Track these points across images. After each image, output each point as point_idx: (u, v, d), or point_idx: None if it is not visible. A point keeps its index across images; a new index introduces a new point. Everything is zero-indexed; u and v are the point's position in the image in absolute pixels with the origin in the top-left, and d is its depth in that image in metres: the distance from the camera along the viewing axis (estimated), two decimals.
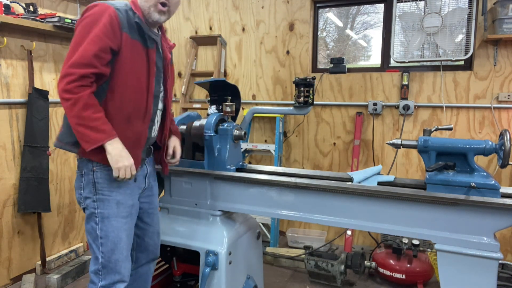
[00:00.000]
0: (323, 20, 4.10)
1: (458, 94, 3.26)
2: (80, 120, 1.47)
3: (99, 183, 1.62)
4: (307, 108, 2.39)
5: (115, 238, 1.63)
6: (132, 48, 1.58)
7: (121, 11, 1.56)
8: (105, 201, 1.63)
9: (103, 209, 1.62)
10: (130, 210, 1.69)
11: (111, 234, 1.63)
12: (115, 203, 1.64)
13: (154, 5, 1.61)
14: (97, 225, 1.63)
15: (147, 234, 1.90)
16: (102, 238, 1.63)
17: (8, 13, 2.63)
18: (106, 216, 1.63)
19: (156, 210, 1.94)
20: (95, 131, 1.48)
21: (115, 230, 1.63)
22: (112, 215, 1.63)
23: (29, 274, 2.89)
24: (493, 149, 1.64)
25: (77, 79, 1.46)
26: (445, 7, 3.08)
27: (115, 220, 1.64)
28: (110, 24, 1.51)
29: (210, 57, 4.14)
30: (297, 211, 1.94)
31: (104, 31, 1.50)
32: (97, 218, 1.63)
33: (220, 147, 2.07)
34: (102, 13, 1.52)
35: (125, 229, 1.67)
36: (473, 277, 1.62)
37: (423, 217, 1.69)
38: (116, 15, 1.53)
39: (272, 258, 3.28)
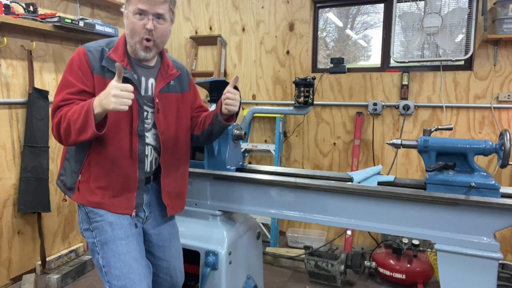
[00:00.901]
0: (323, 20, 4.10)
1: (458, 94, 3.26)
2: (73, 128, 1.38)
3: (91, 212, 1.56)
4: (307, 108, 2.39)
5: (118, 263, 1.50)
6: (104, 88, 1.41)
7: (93, 52, 1.50)
8: (99, 228, 1.54)
9: (100, 236, 1.54)
10: (127, 231, 1.56)
11: (111, 259, 1.51)
12: (108, 226, 1.54)
13: (139, 42, 1.50)
14: (98, 255, 1.54)
15: (161, 270, 1.73)
16: (104, 267, 1.52)
17: (8, 13, 2.62)
18: (104, 242, 1.53)
19: (168, 243, 1.75)
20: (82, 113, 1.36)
21: (115, 255, 1.51)
22: (109, 239, 1.52)
23: (29, 274, 2.89)
24: (493, 149, 1.64)
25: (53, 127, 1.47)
26: (445, 7, 3.08)
27: (113, 243, 1.52)
28: (80, 67, 1.48)
29: (210, 57, 4.14)
30: (297, 211, 1.94)
31: (73, 75, 1.49)
32: (97, 247, 1.54)
33: (220, 147, 2.07)
34: (74, 57, 1.52)
35: (128, 250, 1.53)
36: (473, 277, 1.62)
37: (423, 217, 1.69)
38: (85, 57, 1.49)
39: (272, 258, 3.28)
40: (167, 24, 1.54)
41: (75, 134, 1.38)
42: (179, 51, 4.24)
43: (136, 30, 1.48)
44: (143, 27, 1.48)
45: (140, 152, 1.58)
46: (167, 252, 1.74)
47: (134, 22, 1.48)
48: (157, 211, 1.73)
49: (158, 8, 1.48)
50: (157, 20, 1.50)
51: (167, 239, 1.75)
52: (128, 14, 1.50)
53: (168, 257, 1.75)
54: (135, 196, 1.59)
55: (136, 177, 1.58)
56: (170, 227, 1.79)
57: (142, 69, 1.60)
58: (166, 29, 1.55)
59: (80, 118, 1.36)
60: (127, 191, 1.58)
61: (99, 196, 1.55)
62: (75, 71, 1.49)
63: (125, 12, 1.53)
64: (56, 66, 3.15)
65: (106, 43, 1.57)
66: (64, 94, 1.47)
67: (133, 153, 1.56)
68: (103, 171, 1.54)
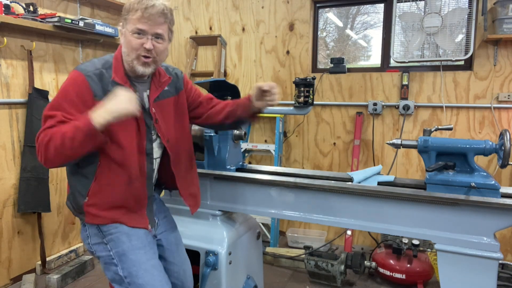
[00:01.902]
0: (323, 20, 4.10)
1: (458, 94, 3.26)
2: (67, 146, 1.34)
3: (103, 225, 1.54)
4: (307, 108, 2.38)
5: (140, 272, 1.50)
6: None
7: (92, 77, 1.45)
8: (115, 240, 1.53)
9: (117, 248, 1.52)
10: (145, 240, 1.58)
11: (134, 269, 1.50)
12: (125, 237, 1.53)
13: (137, 58, 1.47)
14: (117, 267, 1.52)
15: (172, 275, 1.74)
16: (126, 278, 1.50)
17: (8, 13, 2.63)
18: (122, 253, 1.52)
19: (176, 247, 1.79)
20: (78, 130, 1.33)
21: (136, 264, 1.51)
22: (128, 250, 1.52)
23: (29, 274, 2.89)
24: (493, 149, 1.64)
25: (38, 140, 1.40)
26: (445, 7, 3.08)
27: (132, 253, 1.52)
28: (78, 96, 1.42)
29: (210, 57, 4.14)
30: (297, 211, 1.94)
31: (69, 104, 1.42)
32: (115, 259, 1.52)
33: (220, 147, 2.07)
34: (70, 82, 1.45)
35: (147, 259, 1.54)
36: (473, 277, 1.62)
37: (423, 217, 1.69)
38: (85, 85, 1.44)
39: (272, 258, 3.28)
40: (166, 43, 1.54)
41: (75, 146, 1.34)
42: (179, 51, 4.24)
43: (134, 47, 1.46)
44: (141, 46, 1.46)
45: (149, 170, 1.60)
46: (176, 257, 1.77)
47: (132, 40, 1.46)
48: (162, 218, 1.78)
49: (158, 29, 1.47)
50: (156, 39, 1.49)
51: (174, 243, 1.78)
52: (126, 32, 1.48)
53: (177, 261, 1.77)
54: (146, 212, 1.63)
55: (146, 194, 1.61)
56: (175, 233, 1.82)
57: (139, 84, 1.58)
58: (165, 48, 1.54)
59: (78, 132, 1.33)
60: (139, 209, 1.60)
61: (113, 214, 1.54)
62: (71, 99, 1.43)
63: (122, 30, 1.51)
64: (56, 66, 3.15)
65: (102, 64, 1.51)
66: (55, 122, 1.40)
67: (142, 172, 1.57)
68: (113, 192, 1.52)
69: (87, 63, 1.52)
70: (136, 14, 1.44)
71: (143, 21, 1.44)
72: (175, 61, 4.27)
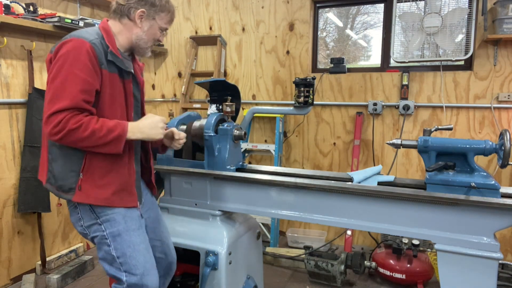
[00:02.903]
0: (323, 20, 4.10)
1: (458, 94, 3.26)
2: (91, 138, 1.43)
3: (98, 206, 1.57)
4: (307, 108, 2.39)
5: (134, 253, 1.57)
6: (111, 82, 1.55)
7: (97, 45, 1.51)
8: (111, 220, 1.57)
9: (111, 228, 1.57)
10: (138, 222, 1.64)
11: (128, 250, 1.57)
12: (122, 218, 1.58)
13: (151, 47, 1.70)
14: (109, 247, 1.57)
15: (157, 250, 1.83)
16: (119, 258, 1.56)
17: (8, 13, 2.63)
18: (117, 234, 1.57)
19: (158, 223, 1.87)
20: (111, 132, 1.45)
21: (133, 246, 1.58)
22: (123, 231, 1.57)
23: (29, 274, 2.89)
24: (493, 149, 1.64)
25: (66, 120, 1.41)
26: (445, 7, 3.08)
27: (127, 234, 1.58)
28: (91, 63, 1.47)
29: (210, 57, 4.14)
30: (297, 211, 1.94)
31: (86, 72, 1.45)
32: (108, 239, 1.57)
33: (220, 147, 2.07)
34: (79, 50, 1.46)
35: (141, 241, 1.61)
36: (473, 277, 1.62)
37: (423, 217, 1.69)
38: (93, 52, 1.48)
39: (272, 258, 3.28)
40: None
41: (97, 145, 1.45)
42: (179, 51, 4.24)
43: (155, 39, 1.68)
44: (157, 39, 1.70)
45: (136, 144, 1.67)
46: (157, 232, 1.85)
47: (157, 34, 1.67)
48: (145, 195, 1.83)
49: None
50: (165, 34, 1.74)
51: (156, 220, 1.86)
52: (155, 25, 1.65)
53: (160, 237, 1.85)
54: (135, 187, 1.67)
55: (134, 169, 1.67)
56: (156, 209, 1.90)
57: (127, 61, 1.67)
58: None
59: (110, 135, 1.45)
60: (129, 185, 1.63)
61: (107, 192, 1.56)
62: (87, 67, 1.46)
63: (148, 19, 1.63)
64: None
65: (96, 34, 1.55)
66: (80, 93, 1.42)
67: (130, 145, 1.63)
68: (107, 167, 1.55)
69: (81, 32, 1.55)
70: (168, 16, 1.67)
71: (170, 23, 1.71)
72: (175, 61, 4.27)
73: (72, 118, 1.41)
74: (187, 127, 2.16)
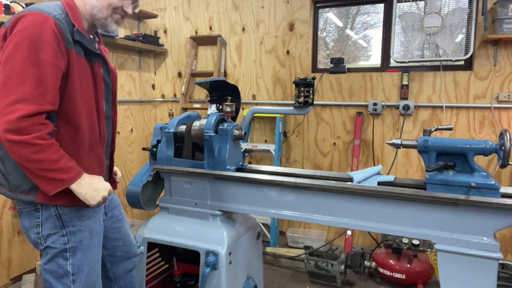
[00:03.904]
0: (323, 20, 4.11)
1: (458, 94, 3.26)
2: (38, 164, 1.23)
3: (66, 215, 1.39)
4: (307, 108, 2.39)
5: (90, 271, 1.46)
6: (78, 65, 1.35)
7: (61, 21, 1.29)
8: (77, 233, 1.42)
9: (75, 242, 1.41)
10: (100, 237, 1.54)
11: (85, 268, 1.44)
12: (88, 233, 1.45)
13: (111, 16, 1.44)
14: (67, 261, 1.40)
15: (118, 249, 1.77)
16: (74, 275, 1.41)
17: (8, 13, 2.63)
18: (80, 249, 1.42)
19: (121, 223, 1.77)
20: (59, 172, 1.26)
21: (90, 263, 1.45)
22: (86, 247, 1.44)
23: (29, 274, 2.89)
24: (493, 149, 1.64)
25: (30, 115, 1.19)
26: (445, 7, 3.08)
27: (89, 251, 1.45)
28: (56, 41, 1.25)
29: (210, 57, 4.14)
30: (297, 211, 1.94)
31: (53, 53, 1.24)
32: (68, 253, 1.40)
33: (220, 147, 2.07)
34: (41, 27, 1.23)
35: (98, 259, 1.52)
36: (473, 277, 1.62)
37: (423, 217, 1.69)
38: (59, 29, 1.27)
39: (272, 258, 3.28)
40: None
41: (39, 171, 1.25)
42: (179, 51, 4.24)
43: (113, 6, 1.43)
44: (121, 9, 1.45)
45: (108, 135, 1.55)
46: (121, 231, 1.78)
47: (114, 2, 1.43)
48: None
49: None
50: (134, 5, 1.50)
51: (119, 219, 1.77)
52: None
53: (123, 235, 1.78)
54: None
55: (104, 160, 1.54)
56: (118, 208, 1.79)
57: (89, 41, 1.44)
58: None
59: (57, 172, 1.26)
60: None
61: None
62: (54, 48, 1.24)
63: None
64: None
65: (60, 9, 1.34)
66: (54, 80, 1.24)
67: (102, 137, 1.50)
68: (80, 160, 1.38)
69: (41, 6, 1.32)
70: None
71: None
72: (175, 61, 4.27)
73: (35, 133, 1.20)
74: (187, 127, 2.16)
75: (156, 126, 2.26)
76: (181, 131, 2.18)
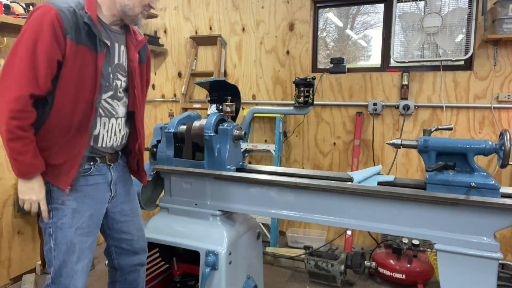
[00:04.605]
0: (323, 20, 4.11)
1: (458, 94, 3.26)
2: (9, 149, 1.41)
3: (54, 191, 1.52)
4: (307, 108, 2.39)
5: (66, 250, 1.52)
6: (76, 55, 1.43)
7: (65, 12, 1.39)
8: (59, 210, 1.52)
9: (57, 219, 1.52)
10: (87, 221, 1.57)
11: (63, 246, 1.52)
12: (70, 212, 1.53)
13: (141, 12, 1.56)
14: (50, 236, 1.52)
15: (124, 242, 1.79)
16: (54, 251, 1.52)
17: (8, 13, 2.63)
18: (59, 227, 1.52)
19: (130, 217, 1.80)
20: (19, 164, 1.42)
21: (68, 242, 1.52)
22: (66, 225, 1.52)
23: (29, 274, 2.89)
24: (493, 149, 1.64)
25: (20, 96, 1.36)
26: (445, 7, 3.08)
27: (69, 230, 1.52)
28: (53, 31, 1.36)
29: (210, 57, 4.14)
30: (297, 211, 1.94)
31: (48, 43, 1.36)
32: (51, 228, 1.52)
33: (220, 147, 2.07)
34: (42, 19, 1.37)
35: (80, 241, 1.55)
36: (473, 277, 1.62)
37: (423, 217, 1.69)
38: (59, 19, 1.37)
39: (272, 258, 3.28)
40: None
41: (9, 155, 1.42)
42: (179, 51, 4.24)
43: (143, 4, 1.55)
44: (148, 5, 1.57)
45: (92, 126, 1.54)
46: (130, 225, 1.79)
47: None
48: (121, 188, 1.75)
49: None
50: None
51: (129, 214, 1.79)
52: None
53: (131, 230, 1.80)
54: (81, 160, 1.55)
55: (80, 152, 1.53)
56: (130, 203, 1.81)
57: (114, 34, 1.58)
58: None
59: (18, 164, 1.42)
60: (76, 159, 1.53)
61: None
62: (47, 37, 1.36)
63: None
64: None
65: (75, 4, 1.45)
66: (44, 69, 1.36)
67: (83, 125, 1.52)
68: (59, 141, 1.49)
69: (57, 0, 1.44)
70: None
71: None
72: (175, 61, 4.27)
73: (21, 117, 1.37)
74: (187, 127, 2.17)
75: (156, 126, 2.26)
76: (181, 131, 2.18)
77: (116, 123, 1.64)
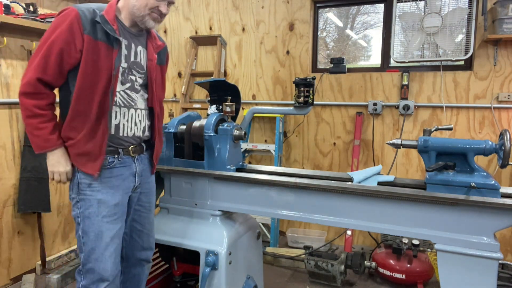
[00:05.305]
0: (323, 20, 4.11)
1: (458, 94, 3.26)
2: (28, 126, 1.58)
3: (82, 184, 1.65)
4: (307, 108, 2.39)
5: (95, 237, 1.65)
6: (93, 50, 1.57)
7: (85, 12, 1.56)
8: (86, 201, 1.65)
9: (84, 209, 1.65)
10: (113, 210, 1.68)
11: (91, 233, 1.65)
12: (96, 202, 1.65)
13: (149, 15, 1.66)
14: (79, 225, 1.66)
15: (135, 231, 1.89)
16: (83, 238, 1.66)
17: (8, 13, 2.62)
18: (87, 216, 1.65)
19: (146, 210, 1.90)
20: (38, 139, 1.58)
21: (95, 230, 1.65)
22: (93, 214, 1.65)
23: (29, 274, 2.89)
24: (493, 149, 1.64)
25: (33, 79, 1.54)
26: (445, 7, 3.08)
27: (96, 219, 1.65)
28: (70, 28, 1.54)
29: (210, 57, 4.14)
30: (297, 211, 1.94)
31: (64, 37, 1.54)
32: (79, 218, 1.66)
33: (220, 147, 2.07)
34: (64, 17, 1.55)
35: (108, 228, 1.67)
36: (473, 277, 1.62)
37: (423, 217, 1.69)
38: (78, 18, 1.54)
39: (272, 258, 3.28)
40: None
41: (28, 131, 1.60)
42: (179, 51, 4.24)
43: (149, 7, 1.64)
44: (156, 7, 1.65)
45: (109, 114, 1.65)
46: (143, 218, 1.89)
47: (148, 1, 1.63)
48: (144, 179, 1.86)
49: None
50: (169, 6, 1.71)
51: (145, 205, 1.89)
52: None
53: (144, 222, 1.90)
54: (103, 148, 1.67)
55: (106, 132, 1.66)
56: (149, 196, 1.91)
57: (131, 35, 1.71)
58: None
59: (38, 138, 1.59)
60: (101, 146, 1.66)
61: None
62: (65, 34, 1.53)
63: None
64: None
65: (97, 6, 1.62)
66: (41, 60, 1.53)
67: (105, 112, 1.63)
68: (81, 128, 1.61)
69: (88, 3, 1.64)
70: None
71: None
72: (175, 61, 4.27)
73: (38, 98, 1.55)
74: (187, 127, 2.17)
75: None
76: (181, 131, 2.18)
77: (135, 114, 1.75)
